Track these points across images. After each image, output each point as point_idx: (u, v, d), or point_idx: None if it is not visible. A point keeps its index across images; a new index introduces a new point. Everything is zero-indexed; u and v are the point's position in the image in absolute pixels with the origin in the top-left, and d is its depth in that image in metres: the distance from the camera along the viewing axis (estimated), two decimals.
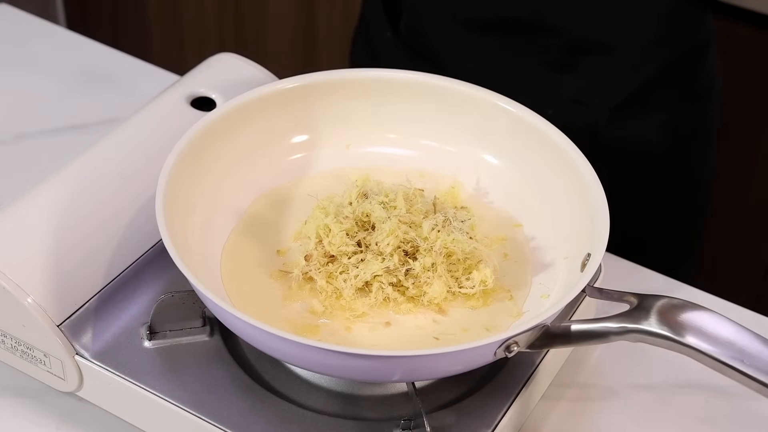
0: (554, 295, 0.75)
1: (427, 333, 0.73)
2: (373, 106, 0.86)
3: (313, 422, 0.71)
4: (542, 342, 0.68)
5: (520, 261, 0.79)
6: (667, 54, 1.03)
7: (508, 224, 0.81)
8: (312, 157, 0.85)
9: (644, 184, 1.10)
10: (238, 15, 1.91)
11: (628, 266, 0.91)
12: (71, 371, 0.74)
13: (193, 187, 0.78)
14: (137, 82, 1.10)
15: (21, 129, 1.03)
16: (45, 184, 0.79)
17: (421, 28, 1.07)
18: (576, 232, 0.76)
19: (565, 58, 1.02)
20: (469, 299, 0.75)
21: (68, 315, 0.73)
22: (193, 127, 0.78)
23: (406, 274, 0.74)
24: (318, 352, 0.65)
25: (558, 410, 0.79)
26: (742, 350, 0.64)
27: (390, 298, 0.74)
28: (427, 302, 0.74)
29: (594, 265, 0.69)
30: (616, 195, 0.80)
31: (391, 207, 0.77)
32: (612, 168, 0.94)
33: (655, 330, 0.65)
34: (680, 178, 1.13)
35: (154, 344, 0.74)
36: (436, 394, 0.73)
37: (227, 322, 0.69)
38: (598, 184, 0.75)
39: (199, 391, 0.72)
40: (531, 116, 0.81)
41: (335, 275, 0.74)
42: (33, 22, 1.18)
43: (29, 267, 0.74)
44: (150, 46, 2.05)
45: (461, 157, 0.85)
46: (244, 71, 0.91)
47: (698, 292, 0.88)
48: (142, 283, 0.77)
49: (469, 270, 0.76)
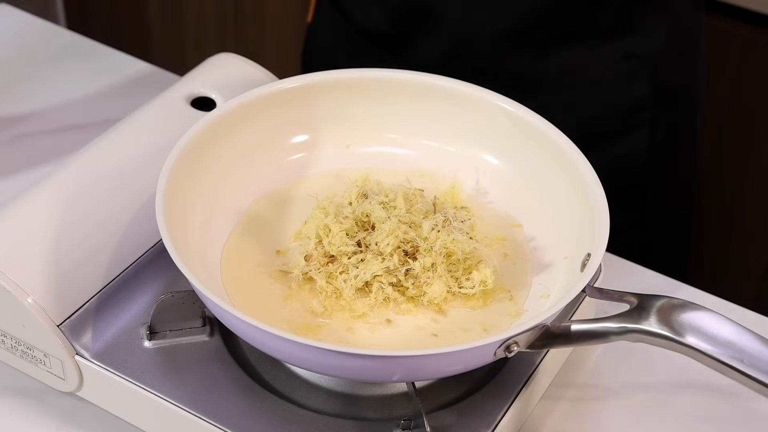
0: (554, 295, 0.75)
1: (426, 333, 0.73)
2: (373, 106, 0.86)
3: (313, 422, 0.71)
4: (542, 342, 0.68)
5: (520, 261, 0.79)
6: None
7: (508, 224, 0.81)
8: (312, 157, 0.85)
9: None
10: (238, 15, 1.91)
11: (628, 266, 0.91)
12: (71, 371, 0.74)
13: (193, 187, 0.78)
14: (137, 82, 1.10)
15: (21, 129, 1.03)
16: (45, 184, 0.79)
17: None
18: (576, 232, 0.76)
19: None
20: (469, 299, 0.75)
21: (68, 315, 0.73)
22: (193, 127, 0.78)
23: (406, 274, 0.74)
24: (318, 352, 0.65)
25: (558, 410, 0.79)
26: (742, 350, 0.64)
27: (390, 298, 0.74)
28: (427, 302, 0.74)
29: (594, 265, 0.69)
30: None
31: (391, 207, 0.77)
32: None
33: (655, 330, 0.65)
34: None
35: (154, 344, 0.74)
36: (436, 394, 0.73)
37: (227, 322, 0.69)
38: (598, 184, 0.75)
39: (199, 391, 0.72)
40: (531, 116, 0.81)
41: (335, 275, 0.74)
42: (33, 22, 1.18)
43: (29, 267, 0.74)
44: (150, 46, 2.05)
45: (461, 157, 0.85)
46: (244, 71, 0.91)
47: (698, 292, 0.88)
48: (142, 283, 0.77)
49: (469, 270, 0.76)
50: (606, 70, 1.03)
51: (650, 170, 1.09)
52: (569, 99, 1.02)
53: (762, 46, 1.39)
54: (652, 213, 1.13)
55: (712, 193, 1.50)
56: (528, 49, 1.01)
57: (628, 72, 1.03)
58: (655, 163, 1.09)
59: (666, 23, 1.03)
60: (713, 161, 1.48)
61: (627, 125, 1.05)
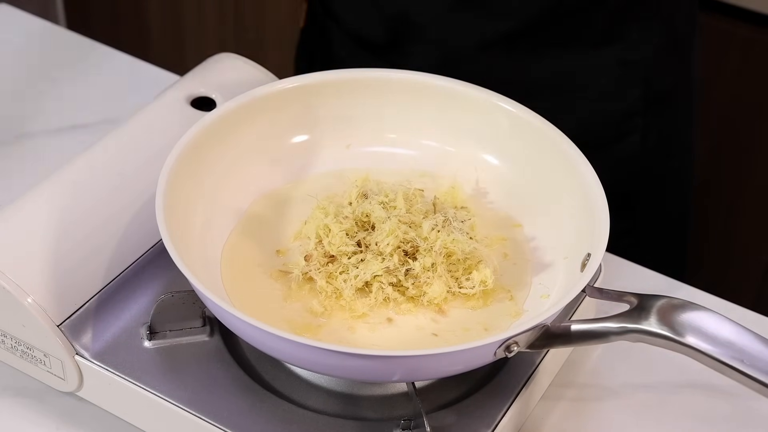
0: (554, 295, 0.75)
1: (427, 333, 0.73)
2: (373, 106, 0.86)
3: (313, 422, 0.71)
4: (542, 342, 0.68)
5: (520, 261, 0.79)
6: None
7: (508, 224, 0.81)
8: (312, 157, 0.85)
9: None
10: (238, 15, 1.91)
11: (628, 266, 0.91)
12: (71, 371, 0.74)
13: (193, 187, 0.78)
14: (137, 82, 1.10)
15: (21, 129, 1.03)
16: (45, 184, 0.79)
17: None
18: (576, 232, 0.76)
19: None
20: (469, 299, 0.75)
21: (68, 315, 0.73)
22: (193, 127, 0.78)
23: (406, 274, 0.74)
24: (318, 352, 0.65)
25: (558, 410, 0.79)
26: (742, 350, 0.64)
27: (390, 298, 0.74)
28: (427, 302, 0.74)
29: (594, 265, 0.69)
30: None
31: (391, 207, 0.77)
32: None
33: (655, 330, 0.65)
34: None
35: (154, 344, 0.74)
36: (436, 394, 0.73)
37: (227, 322, 0.69)
38: (599, 184, 0.75)
39: (199, 391, 0.72)
40: (531, 116, 0.81)
41: (335, 275, 0.74)
42: (33, 22, 1.18)
43: (29, 267, 0.74)
44: (150, 46, 2.05)
45: (461, 157, 0.85)
46: (244, 71, 0.91)
47: (698, 292, 0.88)
48: (142, 283, 0.77)
49: (469, 270, 0.76)
50: (598, 76, 1.03)
51: (643, 176, 1.09)
52: (561, 105, 1.01)
53: (762, 46, 1.39)
54: (645, 218, 1.12)
55: (712, 193, 1.50)
56: (519, 56, 1.01)
57: (620, 78, 1.03)
58: (648, 169, 1.09)
59: (658, 28, 1.03)
60: (713, 161, 1.48)
61: (619, 132, 1.06)
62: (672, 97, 1.08)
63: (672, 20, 1.05)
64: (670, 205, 1.14)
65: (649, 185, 1.10)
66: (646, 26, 1.02)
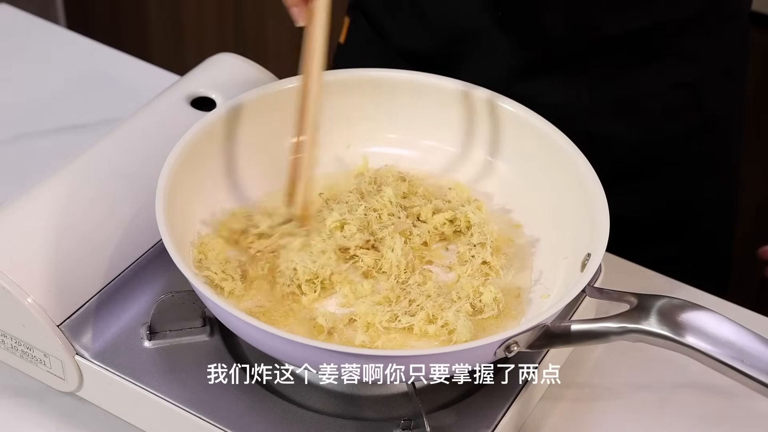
0: (554, 295, 0.75)
1: None
2: (373, 106, 0.86)
3: (313, 422, 0.71)
4: (542, 342, 0.68)
5: (520, 261, 0.79)
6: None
7: (508, 224, 0.81)
8: None
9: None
10: (238, 15, 1.91)
11: (628, 266, 0.91)
12: (71, 371, 0.74)
13: (193, 187, 0.78)
14: (137, 82, 1.10)
15: (21, 129, 1.03)
16: (45, 184, 0.79)
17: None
18: (576, 232, 0.76)
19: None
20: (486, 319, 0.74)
21: (68, 315, 0.73)
22: (193, 127, 0.78)
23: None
24: (318, 352, 0.65)
25: (558, 410, 0.79)
26: (742, 350, 0.64)
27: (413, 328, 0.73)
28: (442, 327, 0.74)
29: (594, 265, 0.69)
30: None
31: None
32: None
33: (655, 330, 0.65)
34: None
35: (154, 344, 0.74)
36: (436, 394, 0.73)
37: (227, 322, 0.69)
38: (598, 184, 0.75)
39: (199, 391, 0.72)
40: (531, 116, 0.81)
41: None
42: (33, 22, 1.18)
43: (29, 267, 0.74)
44: (150, 46, 2.05)
45: (461, 157, 0.85)
46: (244, 71, 0.91)
47: (698, 292, 0.88)
48: (142, 283, 0.77)
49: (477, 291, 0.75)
50: (650, 100, 1.00)
51: (690, 202, 1.06)
52: (611, 130, 0.99)
53: (762, 46, 1.39)
54: (692, 243, 1.08)
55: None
56: (573, 80, 0.98)
57: (675, 102, 1.00)
58: (700, 194, 1.07)
59: (713, 52, 1.00)
60: None
61: (669, 157, 1.03)
62: (725, 121, 1.06)
63: (727, 45, 1.03)
64: (716, 226, 1.11)
65: (697, 209, 1.08)
66: (702, 49, 1.00)
